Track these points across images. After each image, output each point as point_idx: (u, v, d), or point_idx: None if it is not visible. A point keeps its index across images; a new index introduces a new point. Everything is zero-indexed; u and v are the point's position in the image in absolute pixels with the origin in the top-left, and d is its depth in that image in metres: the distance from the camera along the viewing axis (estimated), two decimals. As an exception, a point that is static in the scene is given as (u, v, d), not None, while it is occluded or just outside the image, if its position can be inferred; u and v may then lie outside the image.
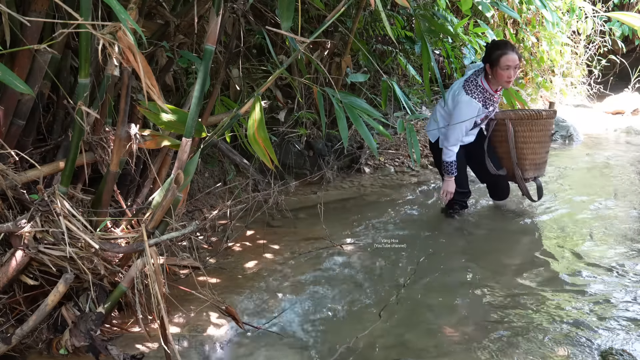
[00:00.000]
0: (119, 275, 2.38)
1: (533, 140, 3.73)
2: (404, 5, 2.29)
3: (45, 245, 2.10)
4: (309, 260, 3.24)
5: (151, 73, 1.89)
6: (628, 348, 2.27)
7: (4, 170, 2.13)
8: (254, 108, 2.34)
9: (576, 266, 3.10)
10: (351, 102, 2.62)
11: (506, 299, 2.75)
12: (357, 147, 5.07)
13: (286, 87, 4.63)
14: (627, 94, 7.91)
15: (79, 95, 2.14)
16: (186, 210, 3.52)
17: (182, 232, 2.22)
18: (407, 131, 2.93)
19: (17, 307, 2.23)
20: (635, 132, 6.71)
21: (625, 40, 7.97)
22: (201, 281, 2.74)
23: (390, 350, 2.35)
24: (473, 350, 2.32)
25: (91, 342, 2.12)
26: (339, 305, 2.74)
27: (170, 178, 2.20)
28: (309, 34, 3.67)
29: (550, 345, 2.33)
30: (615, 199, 4.24)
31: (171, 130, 2.39)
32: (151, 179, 2.91)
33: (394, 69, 5.77)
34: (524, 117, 3.67)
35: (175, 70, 3.48)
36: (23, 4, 2.27)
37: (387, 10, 4.89)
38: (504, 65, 3.35)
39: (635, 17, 3.25)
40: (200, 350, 2.33)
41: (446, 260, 3.25)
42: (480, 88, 3.44)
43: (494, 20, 6.56)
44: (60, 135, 2.63)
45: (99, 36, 1.77)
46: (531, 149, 3.75)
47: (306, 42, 2.27)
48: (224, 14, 2.46)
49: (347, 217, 3.95)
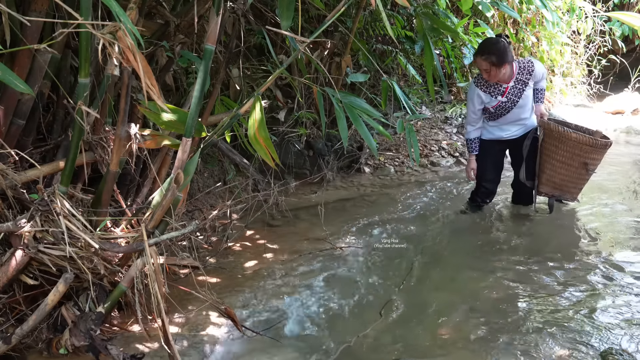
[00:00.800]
0: (119, 275, 2.38)
1: (556, 158, 3.57)
2: (404, 5, 2.29)
3: (45, 245, 2.10)
4: (309, 260, 3.24)
5: (151, 73, 1.89)
6: (628, 348, 2.27)
7: (4, 169, 2.13)
8: (254, 108, 2.34)
9: (576, 267, 3.10)
10: (351, 102, 2.62)
11: (507, 300, 2.75)
12: (357, 147, 5.08)
13: (286, 87, 4.63)
14: (627, 94, 7.91)
15: (79, 95, 2.14)
16: (186, 210, 3.52)
17: (182, 231, 2.22)
18: (406, 131, 2.94)
19: (17, 306, 2.23)
20: (635, 132, 6.70)
21: (625, 40, 7.97)
22: (201, 281, 2.74)
23: (390, 350, 2.35)
24: (474, 350, 2.33)
25: (91, 341, 2.12)
26: (339, 304, 2.74)
27: (170, 178, 2.20)
28: (309, 33, 3.67)
29: (550, 345, 2.33)
30: (615, 199, 4.24)
31: (171, 130, 2.39)
32: (151, 179, 2.91)
33: (394, 68, 5.77)
34: (555, 130, 3.52)
35: (175, 70, 3.48)
36: (23, 4, 2.27)
37: (387, 10, 4.89)
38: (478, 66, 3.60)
39: (635, 17, 3.25)
40: (200, 350, 2.34)
41: (446, 260, 3.25)
42: (484, 79, 3.62)
43: (494, 20, 6.56)
44: (60, 135, 2.63)
45: (99, 36, 1.77)
46: (551, 165, 3.61)
47: (306, 41, 2.27)
48: (224, 13, 2.46)
49: (347, 217, 3.95)
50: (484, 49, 3.50)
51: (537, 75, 3.65)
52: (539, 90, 3.73)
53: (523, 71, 3.61)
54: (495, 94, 3.62)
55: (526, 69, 3.61)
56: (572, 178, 3.63)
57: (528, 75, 3.60)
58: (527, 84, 3.62)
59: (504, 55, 3.44)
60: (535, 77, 3.65)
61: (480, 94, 3.63)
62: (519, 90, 3.61)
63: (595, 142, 3.47)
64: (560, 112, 7.05)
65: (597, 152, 3.52)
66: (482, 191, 3.92)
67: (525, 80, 3.61)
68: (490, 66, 3.46)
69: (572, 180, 3.65)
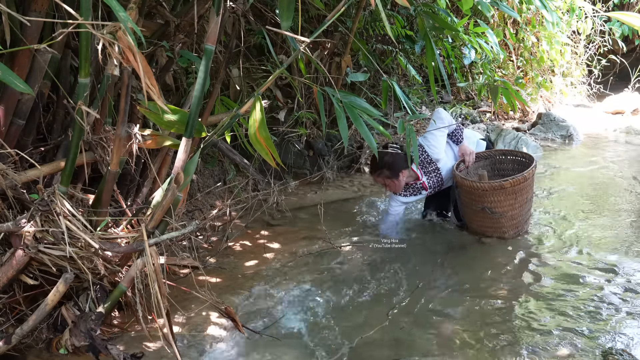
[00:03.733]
0: (119, 275, 2.38)
1: (465, 204, 3.45)
2: (404, 5, 2.29)
3: (45, 245, 2.10)
4: (309, 259, 3.24)
5: (151, 73, 1.89)
6: (628, 348, 2.27)
7: (4, 169, 2.13)
8: (254, 108, 2.34)
9: (575, 267, 3.10)
10: (351, 101, 2.62)
11: (507, 300, 2.75)
12: (357, 147, 5.08)
13: (286, 86, 4.63)
14: (627, 94, 7.91)
15: (79, 94, 2.14)
16: (186, 210, 3.52)
17: (182, 231, 2.22)
18: (407, 131, 2.93)
19: (17, 306, 2.24)
20: (635, 132, 6.70)
21: (625, 40, 7.96)
22: (201, 281, 2.74)
23: (390, 350, 2.35)
24: (474, 350, 2.32)
25: (91, 341, 2.12)
26: (339, 304, 2.74)
27: (170, 178, 2.20)
28: (309, 33, 3.66)
29: (551, 345, 2.33)
30: (615, 198, 4.24)
31: (171, 130, 2.39)
32: (151, 179, 2.91)
33: (394, 68, 5.77)
34: (456, 178, 3.38)
35: (175, 70, 3.48)
36: (23, 4, 2.27)
37: (387, 10, 4.89)
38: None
39: (635, 17, 3.25)
40: (201, 350, 2.34)
41: (447, 260, 3.25)
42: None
43: (494, 20, 6.56)
44: (60, 135, 2.63)
45: (99, 36, 1.77)
46: (468, 210, 3.47)
47: (306, 41, 2.27)
48: (224, 13, 2.46)
49: (347, 217, 3.95)
50: (375, 166, 3.37)
51: (428, 137, 3.44)
52: (451, 134, 3.51)
53: (424, 162, 3.46)
54: (417, 192, 3.55)
55: (424, 159, 3.45)
56: (485, 221, 3.40)
57: (430, 162, 3.45)
58: (436, 167, 3.48)
59: (395, 165, 3.31)
60: (431, 137, 3.42)
61: (400, 199, 3.56)
62: (435, 175, 3.50)
63: (483, 186, 3.24)
64: (561, 112, 7.05)
65: (494, 195, 3.25)
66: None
67: (433, 168, 3.47)
68: (386, 180, 3.37)
69: (488, 224, 3.41)
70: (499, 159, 3.71)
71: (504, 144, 5.78)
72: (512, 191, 3.26)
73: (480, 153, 3.66)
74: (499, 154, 3.75)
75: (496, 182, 3.26)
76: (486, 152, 3.71)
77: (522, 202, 3.36)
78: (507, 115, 7.01)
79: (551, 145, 6.15)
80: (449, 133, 3.50)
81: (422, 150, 3.47)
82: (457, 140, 3.54)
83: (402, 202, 3.61)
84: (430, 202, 3.79)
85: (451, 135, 3.52)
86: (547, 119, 6.60)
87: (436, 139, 3.44)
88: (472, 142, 3.65)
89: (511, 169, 3.66)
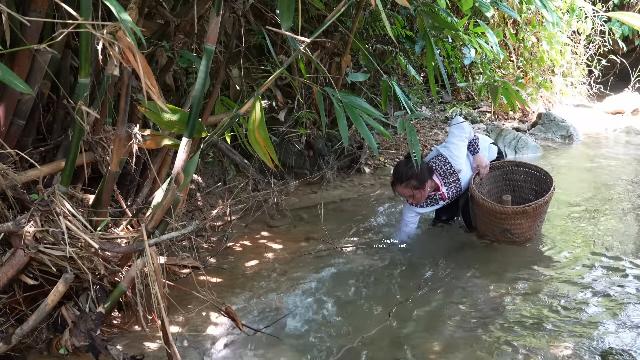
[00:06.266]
0: (119, 275, 2.38)
1: (482, 219, 3.40)
2: (404, 5, 2.29)
3: (45, 245, 2.10)
4: (309, 260, 3.24)
5: (151, 73, 1.89)
6: (628, 348, 2.27)
7: (4, 170, 2.13)
8: (254, 108, 2.34)
9: (576, 267, 3.10)
10: (351, 101, 2.62)
11: (507, 300, 2.75)
12: (357, 147, 5.07)
13: (286, 87, 4.63)
14: (627, 94, 7.91)
15: (79, 95, 2.14)
16: (186, 210, 3.52)
17: (182, 232, 2.22)
18: (407, 131, 2.93)
19: (17, 306, 2.23)
20: (635, 132, 6.70)
21: (625, 40, 7.96)
22: (201, 281, 2.74)
23: (390, 350, 2.35)
24: (475, 350, 2.32)
25: (91, 341, 2.12)
26: (339, 304, 2.74)
27: (170, 178, 2.20)
28: (309, 33, 3.66)
29: (551, 345, 2.33)
30: (615, 198, 4.24)
31: (171, 130, 2.39)
32: (151, 179, 2.91)
33: (394, 68, 5.77)
34: (474, 196, 3.32)
35: (175, 70, 3.48)
36: (23, 4, 2.27)
37: (387, 10, 4.89)
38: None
39: (635, 17, 3.25)
40: (201, 350, 2.34)
41: (447, 260, 3.25)
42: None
43: (494, 20, 6.56)
44: (60, 135, 2.63)
45: (99, 36, 1.77)
46: (482, 224, 3.43)
47: (306, 41, 2.27)
48: (224, 14, 2.46)
49: (347, 217, 3.95)
50: (400, 176, 3.24)
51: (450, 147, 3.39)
52: (469, 144, 3.44)
53: (447, 173, 3.39)
54: (434, 203, 3.47)
55: (446, 170, 3.39)
56: (500, 235, 3.37)
57: (452, 172, 3.39)
58: (457, 177, 3.41)
59: (422, 175, 3.22)
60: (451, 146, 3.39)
61: (416, 209, 3.46)
62: (455, 186, 3.42)
63: (506, 210, 3.21)
64: (561, 112, 7.06)
65: (515, 218, 3.23)
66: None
67: (454, 179, 3.40)
68: (413, 191, 3.25)
69: (502, 237, 3.37)
70: (511, 169, 3.68)
71: (504, 144, 5.78)
72: (534, 214, 3.26)
73: (493, 163, 3.60)
74: (512, 164, 3.70)
75: (519, 207, 3.22)
76: (499, 162, 3.66)
77: (540, 222, 3.42)
78: (507, 115, 7.01)
79: (551, 145, 6.15)
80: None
81: (444, 161, 3.41)
82: (474, 150, 3.46)
83: (418, 213, 3.52)
84: (440, 211, 3.71)
85: (469, 145, 3.45)
86: (547, 119, 6.60)
87: (459, 149, 3.39)
88: (485, 148, 3.60)
89: (523, 180, 3.63)
